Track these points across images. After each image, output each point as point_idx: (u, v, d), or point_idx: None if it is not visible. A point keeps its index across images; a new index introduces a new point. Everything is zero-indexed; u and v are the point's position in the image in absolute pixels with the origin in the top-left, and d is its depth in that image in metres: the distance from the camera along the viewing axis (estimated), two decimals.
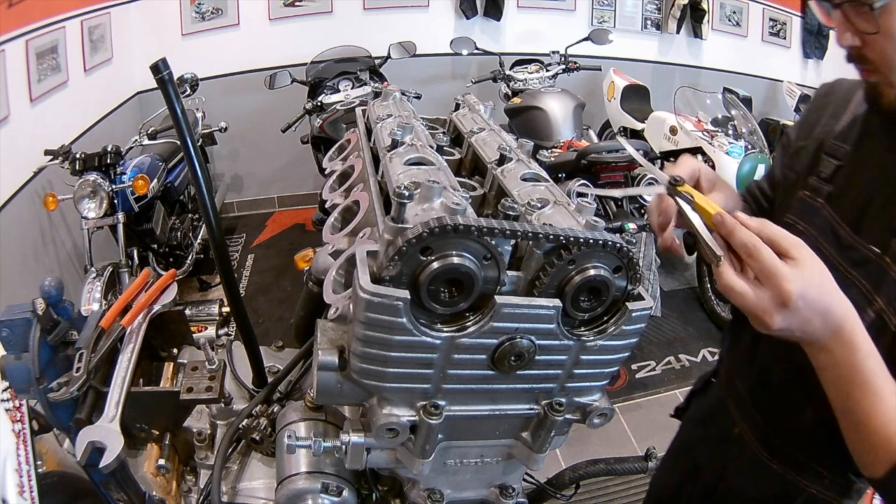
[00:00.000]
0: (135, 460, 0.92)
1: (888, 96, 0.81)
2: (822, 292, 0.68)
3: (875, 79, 0.82)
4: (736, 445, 1.14)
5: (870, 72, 0.82)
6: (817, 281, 0.68)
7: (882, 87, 0.82)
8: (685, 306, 3.72)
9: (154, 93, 2.90)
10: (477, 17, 4.59)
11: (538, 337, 0.57)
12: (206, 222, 0.79)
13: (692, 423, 1.34)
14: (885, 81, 0.81)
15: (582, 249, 0.55)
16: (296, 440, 0.67)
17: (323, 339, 0.60)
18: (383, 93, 1.04)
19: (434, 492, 0.70)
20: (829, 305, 0.69)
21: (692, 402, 1.35)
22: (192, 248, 3.54)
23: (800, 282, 0.66)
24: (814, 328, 0.69)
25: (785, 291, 0.65)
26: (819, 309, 0.68)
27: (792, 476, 1.04)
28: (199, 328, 1.18)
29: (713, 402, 1.25)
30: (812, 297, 0.66)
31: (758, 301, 0.67)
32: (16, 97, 2.78)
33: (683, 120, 3.56)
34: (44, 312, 0.83)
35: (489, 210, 0.79)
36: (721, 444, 1.18)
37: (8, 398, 0.92)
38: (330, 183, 0.90)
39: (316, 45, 4.02)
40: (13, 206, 2.74)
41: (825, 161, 0.98)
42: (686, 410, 1.36)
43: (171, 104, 0.71)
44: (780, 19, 4.67)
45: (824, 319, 0.69)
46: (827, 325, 0.69)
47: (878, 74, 0.81)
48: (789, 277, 0.65)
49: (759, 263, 0.67)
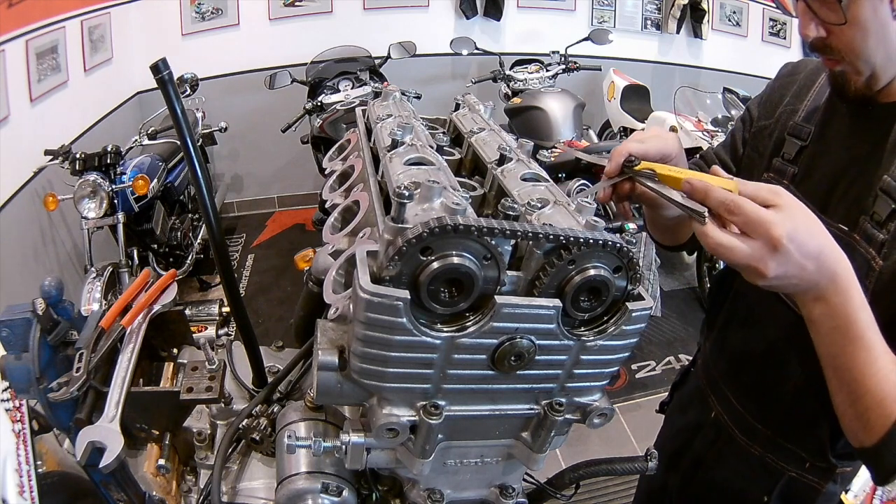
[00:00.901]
0: (135, 460, 0.92)
1: (855, 83, 0.82)
2: (811, 234, 0.67)
3: (841, 68, 0.82)
4: (713, 430, 1.14)
5: (835, 61, 0.82)
6: (804, 223, 0.67)
7: (849, 75, 0.82)
8: (685, 306, 3.72)
9: (154, 93, 2.89)
10: (477, 17, 4.59)
11: (538, 337, 0.57)
12: (206, 222, 0.79)
13: (673, 414, 1.34)
14: (851, 70, 0.81)
15: (582, 249, 0.55)
16: (296, 440, 0.67)
17: (323, 339, 0.60)
18: (383, 93, 1.04)
19: (434, 492, 0.70)
20: (821, 248, 0.67)
21: (674, 395, 1.36)
22: (192, 248, 3.54)
23: (788, 223, 0.65)
24: (809, 273, 0.67)
25: (774, 236, 0.64)
26: (811, 251, 0.66)
27: (771, 459, 1.04)
28: (199, 328, 1.18)
29: (691, 390, 1.26)
30: (802, 240, 0.65)
31: (749, 251, 0.65)
32: (16, 97, 2.78)
33: (683, 120, 3.56)
34: (44, 312, 0.83)
35: (489, 210, 0.79)
36: (698, 430, 1.18)
37: (8, 398, 0.92)
38: (330, 183, 0.90)
39: (316, 45, 4.02)
40: (13, 206, 2.74)
41: (789, 142, 0.98)
42: (669, 404, 1.37)
43: (171, 104, 0.71)
44: (780, 19, 4.67)
45: (818, 263, 0.67)
46: (822, 270, 0.68)
47: (844, 64, 0.81)
48: (776, 221, 0.64)
49: (743, 216, 0.66)
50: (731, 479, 1.11)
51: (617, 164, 0.79)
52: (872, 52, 0.78)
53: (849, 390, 0.74)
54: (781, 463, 1.03)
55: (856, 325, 0.70)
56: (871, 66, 0.79)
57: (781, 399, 0.99)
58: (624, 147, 0.80)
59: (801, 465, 1.01)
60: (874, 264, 0.81)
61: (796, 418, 0.98)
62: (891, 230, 0.80)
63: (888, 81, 0.82)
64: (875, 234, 0.81)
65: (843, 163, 0.89)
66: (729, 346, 1.10)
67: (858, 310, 0.70)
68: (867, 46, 0.77)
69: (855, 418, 0.76)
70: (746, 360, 1.06)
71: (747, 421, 1.07)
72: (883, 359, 0.72)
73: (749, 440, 1.07)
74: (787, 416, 1.00)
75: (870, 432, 0.74)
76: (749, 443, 1.07)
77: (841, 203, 0.89)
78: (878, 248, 0.81)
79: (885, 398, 0.72)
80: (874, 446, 0.74)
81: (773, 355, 0.98)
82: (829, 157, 0.92)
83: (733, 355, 1.09)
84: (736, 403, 1.09)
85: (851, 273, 0.70)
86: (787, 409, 0.99)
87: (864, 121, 0.88)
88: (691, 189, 0.70)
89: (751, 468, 1.07)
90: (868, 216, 0.83)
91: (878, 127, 0.85)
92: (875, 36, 0.76)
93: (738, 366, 1.08)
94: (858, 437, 0.77)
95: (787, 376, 0.96)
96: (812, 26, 0.80)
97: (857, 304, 0.70)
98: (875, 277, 0.81)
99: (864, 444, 0.76)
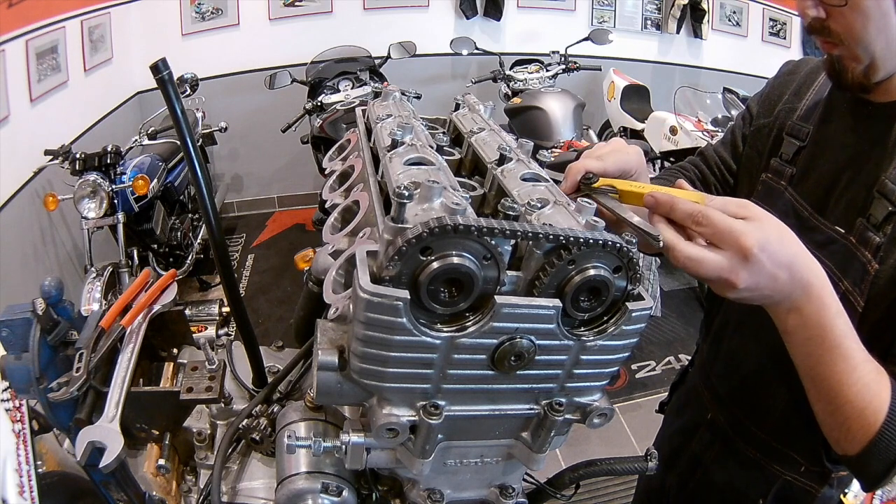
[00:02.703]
0: (135, 460, 0.92)
1: (852, 70, 0.80)
2: (783, 243, 0.65)
3: (838, 52, 0.80)
4: (709, 431, 1.14)
5: (833, 44, 0.80)
6: (775, 232, 0.65)
7: (846, 60, 0.80)
8: (685, 306, 3.72)
9: (154, 93, 2.90)
10: (477, 17, 4.59)
11: (538, 337, 0.57)
12: (206, 222, 0.79)
13: (671, 414, 1.34)
14: (848, 55, 0.79)
15: (582, 249, 0.55)
16: (296, 440, 0.67)
17: (323, 339, 0.60)
18: (383, 93, 1.04)
19: (434, 492, 0.70)
20: (793, 257, 0.65)
21: (673, 395, 1.35)
22: (192, 248, 3.54)
23: (758, 233, 0.63)
24: (782, 283, 0.65)
25: (745, 246, 0.62)
26: (783, 261, 0.64)
27: (767, 463, 1.03)
28: (199, 328, 1.18)
29: (689, 391, 1.25)
30: (774, 249, 0.63)
31: (719, 263, 0.63)
32: (16, 97, 2.78)
33: (683, 120, 3.56)
34: (44, 312, 0.83)
35: (489, 210, 0.79)
36: (695, 431, 1.18)
37: (8, 398, 0.92)
38: (330, 183, 0.90)
39: (316, 45, 4.02)
40: (13, 206, 2.74)
41: (787, 142, 0.96)
42: (668, 404, 1.37)
43: (171, 104, 0.71)
44: (780, 19, 4.68)
45: (791, 273, 0.65)
46: (795, 280, 0.66)
47: (842, 47, 0.79)
48: (746, 231, 0.62)
49: (711, 226, 0.63)
50: (727, 480, 1.11)
51: (573, 182, 0.75)
52: (872, 40, 0.76)
53: (828, 400, 0.73)
54: (776, 466, 1.02)
55: (831, 333, 0.69)
56: (869, 53, 0.77)
57: (776, 403, 0.98)
58: (581, 164, 0.76)
59: (797, 469, 1.01)
60: (870, 268, 0.79)
61: (791, 422, 0.97)
62: (887, 233, 0.78)
63: (887, 75, 0.80)
64: (871, 238, 0.79)
65: (841, 164, 0.88)
66: (724, 349, 1.09)
67: (834, 318, 0.68)
68: (867, 32, 0.75)
69: (836, 428, 0.75)
70: (741, 363, 1.05)
71: (742, 424, 1.06)
72: (862, 367, 0.70)
73: (744, 443, 1.06)
74: (782, 420, 0.99)
75: (852, 441, 0.73)
76: (744, 445, 1.06)
77: (838, 204, 0.87)
78: (873, 251, 0.79)
79: (865, 408, 0.70)
80: (857, 456, 0.73)
81: (768, 360, 0.97)
82: (827, 158, 0.91)
83: (728, 358, 1.09)
84: (731, 406, 1.09)
85: (826, 281, 0.68)
86: (781, 414, 0.98)
87: (863, 120, 0.86)
88: (655, 203, 0.67)
89: (747, 470, 1.07)
90: (864, 218, 0.81)
91: (876, 127, 0.84)
92: (876, 23, 0.74)
93: (733, 369, 1.08)
94: (841, 445, 0.76)
95: (781, 381, 0.95)
96: (811, 5, 0.78)
97: (833, 312, 0.68)
98: (871, 281, 0.79)
99: (847, 453, 0.75)
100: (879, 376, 0.72)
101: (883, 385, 0.72)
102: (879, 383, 0.72)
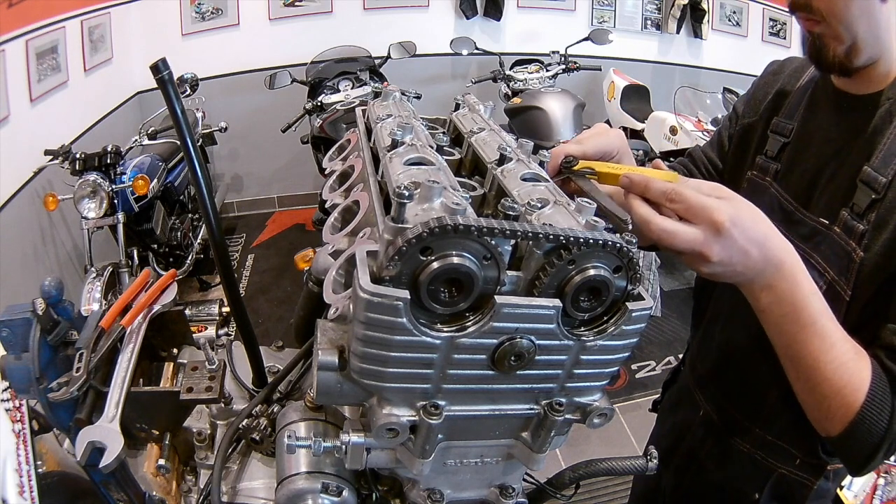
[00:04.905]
0: (135, 460, 0.92)
1: (833, 49, 0.80)
2: (755, 220, 0.67)
3: (819, 29, 0.80)
4: (702, 427, 1.14)
5: (815, 21, 0.80)
6: (748, 211, 0.66)
7: (826, 38, 0.80)
8: (685, 306, 3.72)
9: (154, 93, 2.89)
10: (477, 17, 4.59)
11: (538, 337, 0.57)
12: (206, 222, 0.79)
13: (664, 412, 1.34)
14: (830, 33, 0.79)
15: (582, 249, 0.55)
16: (296, 440, 0.67)
17: (323, 339, 0.60)
18: (383, 93, 1.04)
19: (434, 492, 0.70)
20: (765, 235, 0.67)
21: (665, 394, 1.36)
22: (192, 248, 3.54)
23: (730, 209, 0.64)
24: (754, 260, 0.67)
25: (717, 220, 0.64)
26: (755, 237, 0.66)
27: (761, 456, 1.03)
28: (199, 328, 1.18)
29: (680, 388, 1.26)
30: (746, 225, 0.65)
31: (692, 235, 0.65)
32: (16, 97, 2.78)
33: (683, 120, 3.56)
34: (44, 312, 0.83)
35: (489, 210, 0.79)
36: (689, 428, 1.18)
37: (8, 398, 0.92)
38: (330, 183, 0.90)
39: (316, 45, 4.02)
40: (13, 206, 2.74)
41: (772, 139, 0.98)
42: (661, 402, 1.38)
43: (171, 104, 0.71)
44: (781, 19, 4.68)
45: (762, 250, 0.67)
46: (767, 258, 0.67)
47: (824, 24, 0.79)
48: (717, 206, 0.64)
49: (684, 202, 0.65)
50: (722, 476, 1.11)
51: (555, 165, 0.78)
52: (854, 20, 0.76)
53: (806, 378, 0.74)
54: (771, 460, 1.02)
55: (805, 311, 0.70)
56: (851, 34, 0.77)
57: (768, 396, 0.98)
58: (562, 148, 0.80)
59: (792, 461, 1.01)
60: (855, 256, 0.80)
61: (784, 415, 0.97)
62: (871, 220, 0.79)
63: (869, 60, 0.80)
64: (855, 226, 0.81)
65: (825, 157, 0.89)
66: (714, 343, 1.10)
67: (808, 296, 0.70)
68: (849, 11, 0.76)
69: (815, 407, 0.76)
70: (731, 356, 1.06)
71: (735, 418, 1.06)
72: (840, 346, 0.71)
73: (738, 438, 1.06)
74: (775, 412, 0.99)
75: (833, 421, 0.74)
76: (738, 440, 1.06)
77: (822, 197, 0.88)
78: (858, 239, 0.80)
79: (843, 386, 0.71)
80: (839, 436, 0.74)
81: (758, 351, 0.97)
82: (811, 153, 0.92)
83: (718, 352, 1.09)
84: (723, 401, 1.09)
85: (799, 262, 0.69)
86: (774, 406, 0.98)
87: (845, 113, 0.87)
88: (630, 183, 0.69)
89: (741, 466, 1.07)
90: (848, 208, 0.82)
91: (857, 118, 0.84)
92: (859, 4, 0.75)
93: (724, 363, 1.08)
94: (823, 426, 0.76)
95: (772, 372, 0.95)
96: None
97: (806, 291, 0.70)
98: (856, 269, 0.80)
99: (829, 434, 0.76)
100: (858, 356, 0.73)
101: (862, 364, 0.73)
102: (858, 362, 0.73)
